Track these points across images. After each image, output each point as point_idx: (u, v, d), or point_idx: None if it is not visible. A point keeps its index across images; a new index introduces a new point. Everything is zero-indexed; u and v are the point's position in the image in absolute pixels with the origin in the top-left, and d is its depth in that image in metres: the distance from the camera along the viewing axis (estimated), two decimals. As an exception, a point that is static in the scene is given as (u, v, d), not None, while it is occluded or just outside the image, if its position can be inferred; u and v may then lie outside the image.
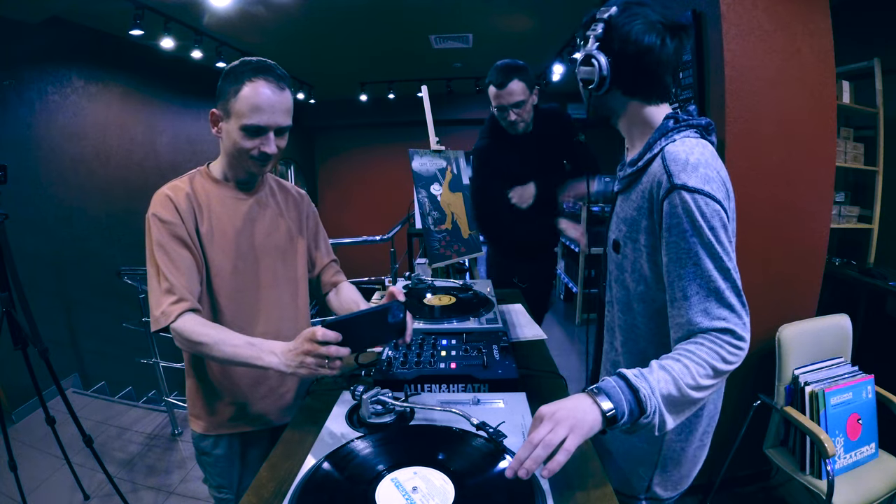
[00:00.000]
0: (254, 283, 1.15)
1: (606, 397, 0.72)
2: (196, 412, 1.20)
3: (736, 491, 2.20)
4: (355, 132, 9.05)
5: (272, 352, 0.94)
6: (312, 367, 0.89)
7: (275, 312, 1.18)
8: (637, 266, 0.94)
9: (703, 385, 0.77)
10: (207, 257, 1.09)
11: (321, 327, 0.88)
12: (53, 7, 3.54)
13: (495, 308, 1.46)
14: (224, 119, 1.06)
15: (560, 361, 1.30)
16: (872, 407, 1.79)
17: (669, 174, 0.83)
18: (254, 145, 1.05)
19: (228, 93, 1.03)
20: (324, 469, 0.75)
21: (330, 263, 1.37)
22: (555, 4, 4.14)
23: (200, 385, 1.18)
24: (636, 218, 0.93)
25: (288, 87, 1.07)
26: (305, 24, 4.58)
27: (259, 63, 1.05)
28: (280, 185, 1.28)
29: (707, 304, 0.80)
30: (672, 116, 0.92)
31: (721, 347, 0.79)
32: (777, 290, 2.00)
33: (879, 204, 2.77)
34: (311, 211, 1.33)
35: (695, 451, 1.03)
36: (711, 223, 0.81)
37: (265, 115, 1.03)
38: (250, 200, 1.16)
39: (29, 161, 3.51)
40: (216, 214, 1.11)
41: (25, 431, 2.91)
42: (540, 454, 0.67)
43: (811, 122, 1.91)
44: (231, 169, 1.14)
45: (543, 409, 0.72)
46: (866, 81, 2.74)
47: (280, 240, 1.21)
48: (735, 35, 1.81)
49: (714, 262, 0.81)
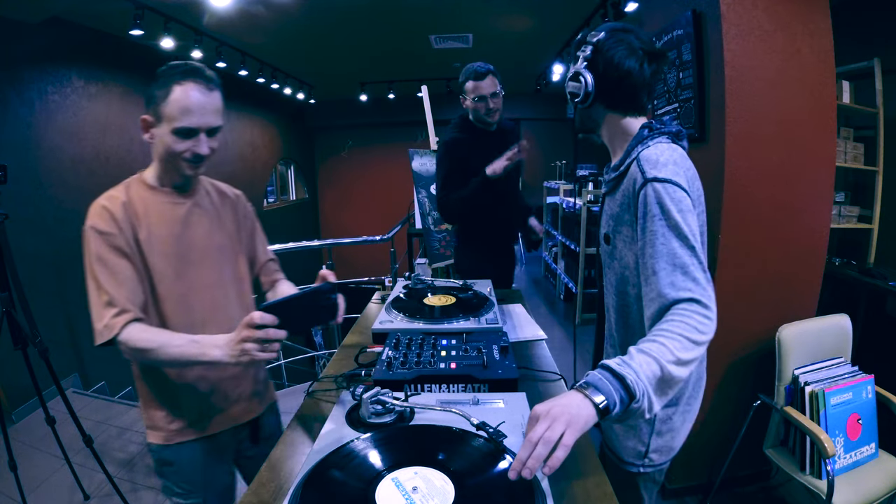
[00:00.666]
0: (198, 287, 1.15)
1: (596, 390, 0.74)
2: (154, 423, 1.17)
3: (736, 491, 2.20)
4: (355, 132, 9.05)
5: (215, 345, 0.96)
6: (253, 351, 0.91)
7: (221, 314, 1.19)
8: (623, 255, 1.06)
9: (683, 359, 0.80)
10: (149, 265, 1.09)
11: (258, 312, 0.91)
12: (53, 7, 3.54)
13: (495, 308, 1.46)
14: (155, 124, 1.06)
15: (560, 361, 1.30)
16: (872, 407, 1.79)
17: (643, 171, 0.96)
18: (186, 147, 1.06)
19: (158, 98, 1.03)
20: (324, 469, 0.75)
21: (268, 263, 1.38)
22: (555, 4, 4.15)
23: (155, 393, 1.16)
24: (620, 214, 1.05)
25: (217, 87, 1.08)
26: (305, 24, 4.58)
27: (187, 66, 1.05)
28: (216, 187, 1.28)
29: (673, 278, 0.87)
30: (647, 126, 1.04)
31: (691, 318, 0.83)
32: (777, 289, 2.00)
33: (879, 204, 2.77)
34: (248, 210, 1.34)
35: (683, 416, 1.11)
36: (679, 206, 0.91)
37: (195, 117, 1.04)
38: (187, 204, 1.16)
39: (29, 161, 3.51)
40: (154, 221, 1.10)
41: (25, 431, 2.91)
42: (541, 452, 0.67)
43: (811, 123, 1.92)
44: (166, 173, 1.13)
45: (538, 407, 0.73)
46: (866, 81, 2.74)
47: (220, 241, 1.21)
48: (735, 35, 1.81)
49: (680, 240, 0.89)
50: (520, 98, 8.44)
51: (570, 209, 5.29)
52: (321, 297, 1.01)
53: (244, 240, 1.30)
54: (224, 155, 6.48)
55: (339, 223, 9.56)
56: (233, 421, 1.24)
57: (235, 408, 1.23)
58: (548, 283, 6.24)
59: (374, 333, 1.37)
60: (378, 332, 1.36)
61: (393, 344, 1.20)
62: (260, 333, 0.91)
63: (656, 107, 2.31)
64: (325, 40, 5.20)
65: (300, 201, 9.27)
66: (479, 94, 2.03)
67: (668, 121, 1.10)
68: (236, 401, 1.23)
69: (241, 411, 1.25)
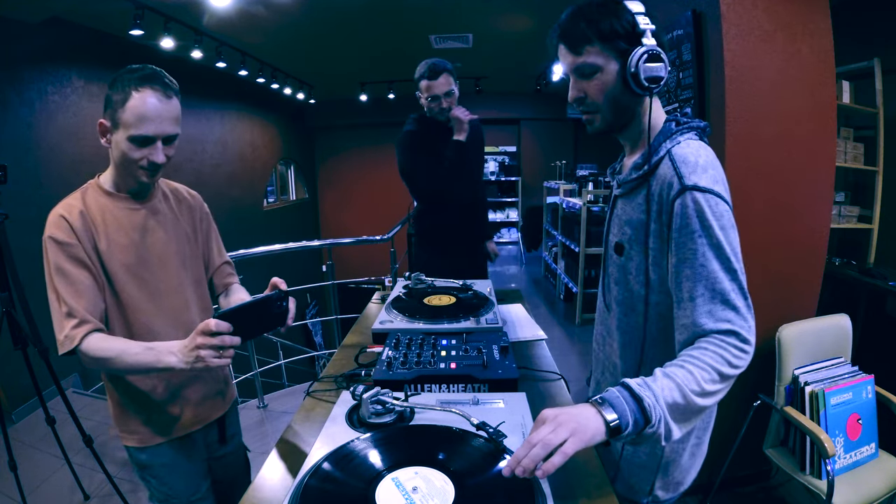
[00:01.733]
0: (160, 293, 1.16)
1: (610, 407, 0.71)
2: (127, 427, 1.18)
3: (736, 491, 2.20)
4: (355, 132, 9.05)
5: (170, 352, 0.97)
6: (209, 358, 0.93)
7: (184, 318, 1.19)
8: (642, 269, 0.94)
9: (708, 391, 0.76)
10: (109, 273, 1.08)
11: (213, 319, 0.92)
12: (53, 7, 3.54)
13: (495, 308, 1.46)
14: (112, 130, 1.05)
15: (560, 361, 1.30)
16: (872, 407, 1.79)
17: (680, 175, 0.83)
18: (142, 155, 1.05)
19: (115, 103, 1.02)
20: (324, 469, 0.75)
21: (223, 265, 1.37)
22: (555, 4, 4.14)
23: (125, 398, 1.17)
24: (643, 220, 0.92)
25: (176, 94, 1.07)
26: (305, 24, 4.58)
27: (146, 71, 1.04)
28: (172, 190, 1.27)
29: (712, 306, 0.80)
30: (673, 119, 0.93)
31: (726, 350, 0.78)
32: (777, 290, 2.00)
33: (879, 204, 2.77)
34: (204, 213, 1.33)
35: (692, 451, 1.02)
36: (721, 223, 0.81)
37: (152, 125, 1.02)
38: (145, 210, 1.16)
39: (29, 161, 3.51)
40: (112, 228, 1.10)
41: (25, 431, 2.91)
42: (538, 453, 0.66)
43: (811, 123, 1.91)
44: (122, 179, 1.12)
45: (546, 411, 0.71)
46: (866, 81, 2.74)
47: (179, 245, 1.21)
48: (735, 35, 1.81)
49: (722, 262, 0.81)
50: (520, 98, 8.44)
51: (570, 209, 5.29)
52: (273, 305, 1.02)
53: (201, 242, 1.30)
54: (224, 155, 6.48)
55: (339, 223, 9.56)
56: (202, 420, 1.26)
57: (203, 407, 1.26)
58: (548, 283, 6.24)
59: (374, 333, 1.36)
60: (378, 332, 1.36)
61: (393, 344, 1.20)
62: (215, 340, 0.92)
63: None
64: (325, 40, 5.19)
65: (300, 201, 9.27)
66: (431, 94, 2.03)
67: (691, 113, 0.98)
68: (203, 400, 1.25)
69: (208, 410, 1.27)
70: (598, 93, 0.89)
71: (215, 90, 6.15)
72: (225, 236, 1.40)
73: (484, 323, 1.36)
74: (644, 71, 0.84)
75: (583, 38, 0.86)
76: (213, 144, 6.23)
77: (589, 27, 0.85)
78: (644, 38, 0.84)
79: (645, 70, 0.84)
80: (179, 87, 1.09)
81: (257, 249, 3.39)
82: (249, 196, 7.16)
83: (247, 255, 3.31)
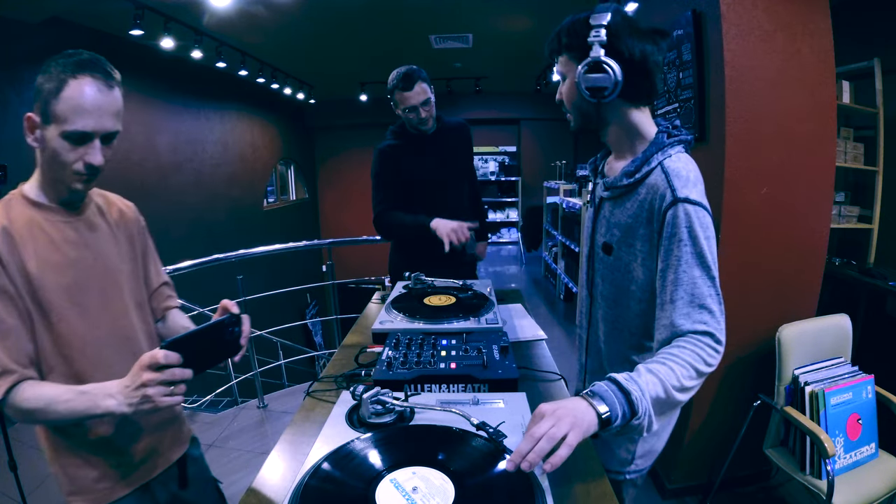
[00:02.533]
0: (103, 319, 0.99)
1: (601, 400, 0.75)
2: (77, 485, 0.99)
3: (736, 491, 2.20)
4: (355, 132, 9.05)
5: (107, 394, 0.82)
6: (157, 397, 0.79)
7: (133, 343, 1.04)
8: (630, 268, 1.01)
9: (686, 386, 0.82)
10: (43, 301, 0.90)
11: (161, 350, 0.78)
12: (53, 7, 3.55)
13: (495, 308, 1.46)
14: (41, 125, 0.89)
15: (560, 361, 1.30)
16: (872, 407, 1.79)
17: (673, 188, 0.90)
18: (77, 156, 0.89)
19: (47, 92, 0.86)
20: (324, 469, 0.75)
21: (161, 286, 1.19)
22: (555, 4, 4.14)
23: (72, 453, 0.99)
24: (633, 225, 0.99)
25: (118, 85, 0.92)
26: (305, 24, 4.58)
27: (83, 56, 0.89)
28: (106, 199, 1.10)
29: (690, 309, 0.87)
30: (664, 131, 0.99)
31: (702, 349, 0.85)
32: (777, 290, 2.00)
33: (879, 204, 2.77)
34: (140, 226, 1.16)
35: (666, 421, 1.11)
36: (706, 234, 0.89)
37: (91, 119, 0.87)
38: (79, 223, 0.99)
39: (29, 161, 3.51)
40: (43, 245, 0.92)
41: (25, 431, 2.91)
42: (543, 447, 0.68)
43: (811, 123, 1.91)
44: (51, 187, 0.95)
45: (543, 406, 0.74)
46: (866, 81, 2.74)
47: (121, 261, 1.06)
48: (735, 35, 1.81)
49: (702, 269, 0.88)
50: (520, 98, 8.44)
51: (570, 209, 5.29)
52: (225, 331, 0.90)
53: (140, 259, 1.13)
54: (224, 155, 6.48)
55: (339, 223, 9.56)
56: (160, 466, 1.11)
57: (160, 449, 1.11)
58: (548, 283, 6.25)
59: (374, 333, 1.36)
60: (378, 332, 1.35)
61: (393, 344, 1.20)
62: (164, 375, 0.78)
63: (656, 106, 2.31)
64: (325, 40, 5.20)
65: (300, 201, 9.27)
66: (407, 106, 1.93)
67: (679, 125, 1.04)
68: (159, 442, 1.10)
69: (165, 451, 1.12)
70: (566, 99, 1.01)
71: (215, 90, 6.15)
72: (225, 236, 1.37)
73: (484, 323, 1.36)
74: (585, 81, 0.91)
75: (554, 49, 0.99)
76: (213, 144, 6.23)
77: (561, 38, 0.96)
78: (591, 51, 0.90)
79: (585, 80, 0.91)
80: (179, 87, 1.04)
81: (257, 249, 3.40)
82: (249, 196, 7.16)
83: (247, 255, 3.31)
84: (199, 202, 5.78)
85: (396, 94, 1.94)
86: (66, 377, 0.94)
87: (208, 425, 2.84)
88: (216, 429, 2.80)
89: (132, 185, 4.57)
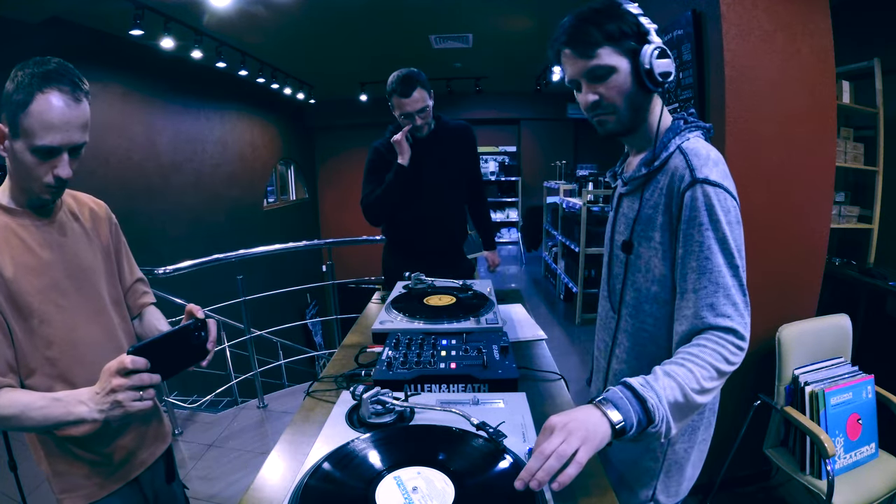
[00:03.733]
0: (82, 320, 1.00)
1: (615, 408, 0.71)
2: (69, 484, 1.02)
3: (736, 491, 2.20)
4: (355, 132, 9.05)
5: (80, 401, 0.84)
6: (127, 402, 0.81)
7: (114, 340, 1.06)
8: (651, 265, 0.94)
9: (707, 388, 0.77)
10: (22, 304, 0.91)
11: (129, 355, 0.80)
12: (53, 7, 3.54)
13: (495, 308, 1.46)
14: (10, 137, 0.88)
15: (560, 361, 1.30)
16: (872, 407, 1.79)
17: (692, 168, 0.85)
18: (46, 170, 0.90)
19: (15, 105, 0.85)
20: (324, 469, 0.75)
21: (136, 283, 1.20)
22: (555, 4, 4.14)
23: (58, 452, 1.02)
24: (651, 215, 0.93)
25: (86, 96, 0.91)
26: (305, 24, 4.58)
27: (51, 68, 0.87)
28: (76, 199, 1.11)
29: (714, 300, 0.82)
30: (681, 118, 0.95)
31: (724, 348, 0.80)
32: (777, 290, 2.00)
33: (879, 204, 2.77)
34: (113, 223, 1.17)
35: (696, 455, 1.03)
36: (728, 218, 0.84)
37: (59, 135, 0.87)
38: (52, 225, 1.00)
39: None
40: (17, 249, 0.93)
41: (25, 431, 2.90)
42: (553, 465, 0.64)
43: (811, 122, 1.92)
44: (22, 194, 0.96)
45: (554, 419, 0.70)
46: (866, 81, 2.74)
47: (96, 261, 1.07)
48: (735, 35, 1.81)
49: (726, 257, 0.83)
50: (520, 98, 8.44)
51: (570, 209, 5.29)
52: (191, 336, 0.91)
53: (113, 257, 1.15)
54: (224, 155, 6.48)
55: (339, 223, 9.56)
56: (147, 461, 1.14)
57: (144, 444, 1.14)
58: (548, 283, 6.25)
59: (374, 333, 1.36)
60: (378, 332, 1.35)
61: (393, 344, 1.20)
62: (133, 381, 0.80)
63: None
64: (325, 40, 5.20)
65: (300, 201, 9.27)
66: (405, 112, 1.90)
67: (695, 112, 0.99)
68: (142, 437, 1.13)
69: (149, 446, 1.15)
70: (617, 94, 0.89)
71: (215, 90, 6.15)
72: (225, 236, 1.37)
73: (484, 323, 1.36)
74: (658, 66, 0.86)
75: (593, 42, 0.87)
76: (213, 144, 6.23)
77: (598, 30, 0.87)
78: (649, 37, 0.87)
79: (658, 66, 0.86)
80: (179, 87, 1.04)
81: (257, 249, 3.39)
82: (249, 196, 7.16)
83: (247, 255, 3.31)
84: (199, 202, 5.78)
85: (394, 98, 1.92)
86: (51, 378, 0.95)
87: (208, 425, 2.84)
88: (216, 429, 2.80)
89: (132, 184, 4.57)
